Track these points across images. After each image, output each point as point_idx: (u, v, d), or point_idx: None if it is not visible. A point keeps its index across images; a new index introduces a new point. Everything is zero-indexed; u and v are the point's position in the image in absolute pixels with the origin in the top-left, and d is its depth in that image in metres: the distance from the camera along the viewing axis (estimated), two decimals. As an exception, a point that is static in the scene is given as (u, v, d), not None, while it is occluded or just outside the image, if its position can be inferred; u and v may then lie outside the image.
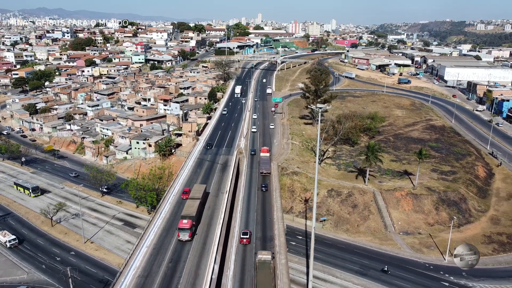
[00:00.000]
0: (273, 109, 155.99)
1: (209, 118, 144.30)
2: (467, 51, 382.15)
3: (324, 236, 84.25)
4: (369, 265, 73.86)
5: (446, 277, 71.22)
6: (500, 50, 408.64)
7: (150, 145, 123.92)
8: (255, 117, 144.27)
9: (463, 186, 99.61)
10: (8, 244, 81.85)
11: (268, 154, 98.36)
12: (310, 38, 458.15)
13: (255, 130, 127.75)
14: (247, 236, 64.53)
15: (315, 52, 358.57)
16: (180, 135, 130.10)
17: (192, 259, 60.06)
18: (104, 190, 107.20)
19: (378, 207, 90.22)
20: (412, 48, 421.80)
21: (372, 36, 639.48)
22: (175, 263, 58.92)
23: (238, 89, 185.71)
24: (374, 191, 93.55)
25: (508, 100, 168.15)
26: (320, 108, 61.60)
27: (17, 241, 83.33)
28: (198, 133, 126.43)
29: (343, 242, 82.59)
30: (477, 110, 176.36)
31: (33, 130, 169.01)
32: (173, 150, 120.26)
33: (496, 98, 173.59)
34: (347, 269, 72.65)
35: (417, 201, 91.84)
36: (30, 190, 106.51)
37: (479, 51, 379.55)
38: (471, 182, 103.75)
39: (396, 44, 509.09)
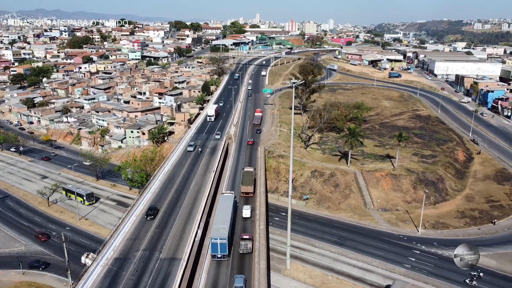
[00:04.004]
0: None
1: (201, 108, 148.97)
2: (462, 49, 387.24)
3: (307, 213, 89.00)
4: (347, 237, 78.53)
5: (418, 246, 75.82)
6: (495, 47, 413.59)
7: (143, 133, 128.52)
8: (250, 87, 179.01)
9: (441, 168, 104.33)
10: None
11: (260, 114, 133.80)
12: (306, 36, 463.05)
13: (250, 88, 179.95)
14: (252, 140, 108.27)
15: (293, 52, 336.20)
16: (172, 123, 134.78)
17: (178, 226, 64.91)
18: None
19: (359, 186, 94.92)
20: (407, 46, 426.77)
21: (369, 35, 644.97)
22: (161, 229, 63.72)
23: (211, 110, 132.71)
24: (355, 171, 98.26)
25: (493, 91, 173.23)
26: (294, 83, 66.52)
27: None
28: (190, 122, 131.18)
29: (324, 217, 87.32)
30: (462, 102, 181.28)
31: (31, 123, 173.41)
32: (165, 138, 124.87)
33: (482, 89, 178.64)
34: (326, 240, 77.35)
35: (396, 181, 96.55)
36: (84, 198, 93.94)
37: (473, 49, 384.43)
38: (449, 164, 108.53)
39: (391, 42, 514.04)
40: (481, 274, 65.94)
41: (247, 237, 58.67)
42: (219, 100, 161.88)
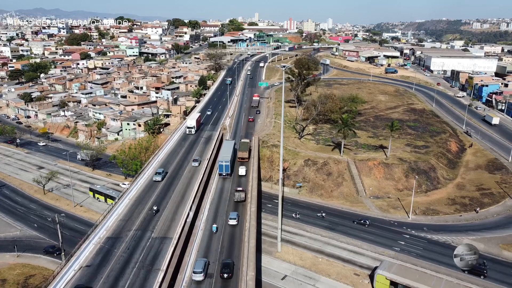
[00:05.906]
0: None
1: (197, 101, 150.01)
2: (459, 47, 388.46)
3: (300, 200, 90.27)
4: (338, 222, 79.69)
5: (408, 231, 76.90)
6: (493, 46, 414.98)
7: (139, 125, 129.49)
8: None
9: (434, 157, 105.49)
10: None
11: (258, 98, 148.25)
12: (303, 34, 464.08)
13: (250, 73, 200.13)
14: (252, 118, 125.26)
15: (296, 48, 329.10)
16: (168, 116, 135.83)
17: (170, 208, 66.00)
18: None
19: (351, 174, 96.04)
20: (404, 44, 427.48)
21: (367, 33, 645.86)
22: (154, 211, 64.62)
23: (192, 121, 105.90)
24: (348, 160, 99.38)
25: (487, 86, 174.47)
26: (284, 66, 67.64)
27: None
28: (186, 114, 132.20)
29: (317, 205, 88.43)
30: (457, 96, 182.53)
31: (28, 117, 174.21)
32: (161, 129, 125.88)
33: (477, 84, 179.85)
34: (317, 225, 78.53)
35: (388, 170, 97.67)
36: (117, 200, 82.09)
37: (471, 47, 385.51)
38: (442, 154, 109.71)
39: (389, 41, 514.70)
40: (324, 214, 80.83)
41: (241, 189, 72.83)
42: (213, 97, 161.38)
